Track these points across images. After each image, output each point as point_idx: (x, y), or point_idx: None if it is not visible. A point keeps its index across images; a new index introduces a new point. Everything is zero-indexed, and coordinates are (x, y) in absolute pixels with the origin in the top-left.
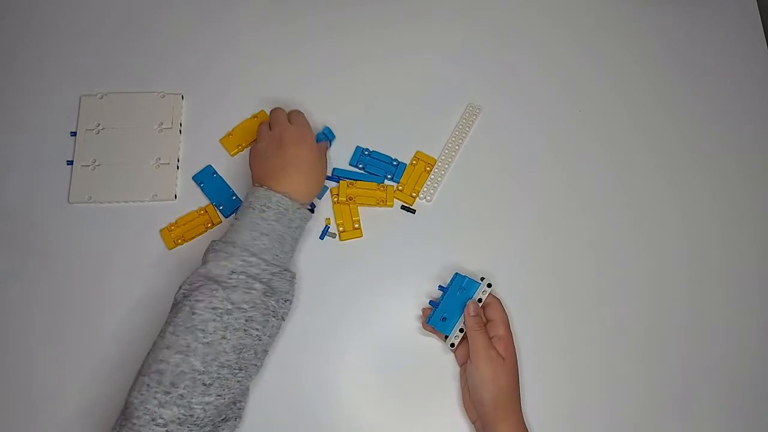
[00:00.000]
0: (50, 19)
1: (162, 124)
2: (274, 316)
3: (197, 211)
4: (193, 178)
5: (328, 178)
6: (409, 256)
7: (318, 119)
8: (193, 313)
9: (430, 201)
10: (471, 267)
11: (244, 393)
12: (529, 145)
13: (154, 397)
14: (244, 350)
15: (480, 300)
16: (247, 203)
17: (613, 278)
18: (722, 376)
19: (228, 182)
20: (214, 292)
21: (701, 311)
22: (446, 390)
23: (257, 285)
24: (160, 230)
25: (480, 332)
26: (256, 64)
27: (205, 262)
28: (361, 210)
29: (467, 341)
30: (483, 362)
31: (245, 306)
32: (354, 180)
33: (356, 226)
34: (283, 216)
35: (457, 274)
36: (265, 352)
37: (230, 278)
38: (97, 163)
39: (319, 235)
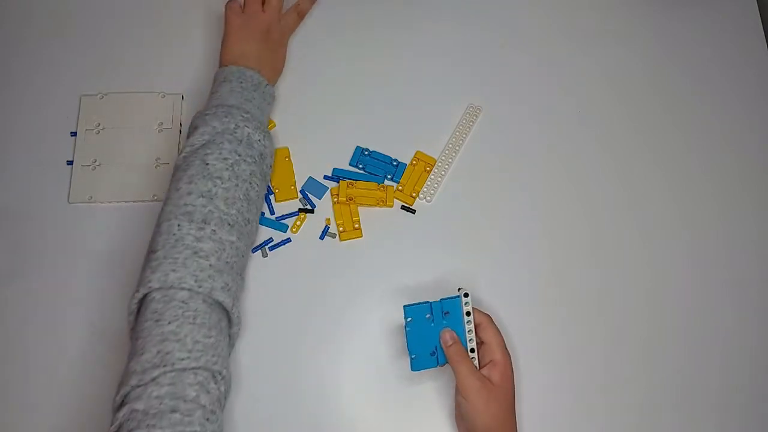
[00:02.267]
0: (50, 19)
1: (162, 124)
2: (263, 178)
3: None
4: None
5: (328, 178)
6: (409, 257)
7: (318, 119)
8: (206, 164)
9: (430, 201)
10: (471, 267)
11: (249, 246)
12: (529, 146)
13: (189, 233)
14: (251, 203)
15: (468, 313)
16: (222, 78)
17: (613, 278)
18: (723, 379)
19: None
20: (222, 144)
21: (702, 312)
22: (446, 390)
23: (256, 137)
24: None
25: (461, 362)
26: None
27: (200, 126)
28: (361, 210)
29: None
30: (470, 393)
31: (249, 159)
32: (354, 180)
33: (356, 226)
34: (258, 88)
35: (431, 303)
36: (258, 214)
37: (235, 132)
38: (97, 163)
39: (319, 235)
